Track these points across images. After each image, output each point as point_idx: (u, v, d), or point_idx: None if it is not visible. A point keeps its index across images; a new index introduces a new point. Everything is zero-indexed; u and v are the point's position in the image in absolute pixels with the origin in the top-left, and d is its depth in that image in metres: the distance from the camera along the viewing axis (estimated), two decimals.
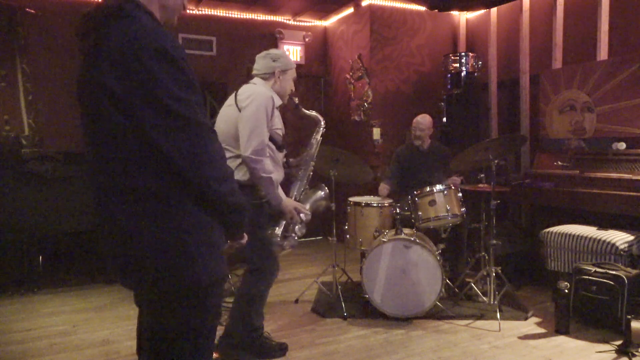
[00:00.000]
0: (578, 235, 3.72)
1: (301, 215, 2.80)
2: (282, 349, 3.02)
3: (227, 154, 2.67)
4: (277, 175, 2.79)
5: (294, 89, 2.97)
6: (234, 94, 2.82)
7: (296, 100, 3.00)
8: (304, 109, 3.03)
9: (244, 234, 1.59)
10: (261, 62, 2.86)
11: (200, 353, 1.46)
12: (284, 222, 2.79)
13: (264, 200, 2.74)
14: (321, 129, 3.08)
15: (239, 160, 2.69)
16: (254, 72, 2.89)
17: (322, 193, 3.04)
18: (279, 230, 2.77)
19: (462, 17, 5.93)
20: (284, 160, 2.96)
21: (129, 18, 1.33)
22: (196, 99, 1.35)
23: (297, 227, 2.82)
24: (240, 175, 2.68)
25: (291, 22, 6.25)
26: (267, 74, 2.84)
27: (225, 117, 2.78)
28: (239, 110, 2.69)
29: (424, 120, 4.27)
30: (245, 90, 2.78)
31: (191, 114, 1.31)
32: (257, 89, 2.75)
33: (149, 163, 1.32)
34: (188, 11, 1.49)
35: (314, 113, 3.09)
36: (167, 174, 1.33)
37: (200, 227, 1.38)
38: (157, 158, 1.31)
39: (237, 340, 2.89)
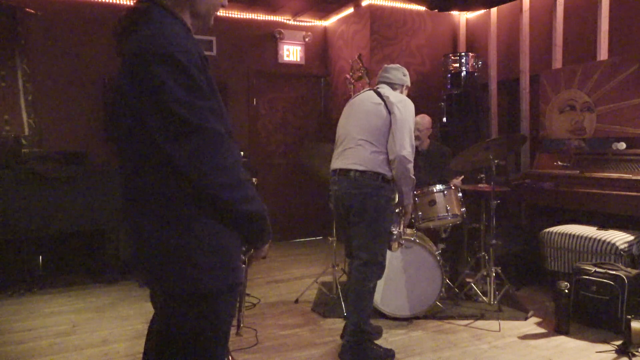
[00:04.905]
0: (578, 235, 3.72)
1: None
2: (389, 355, 2.93)
3: (371, 148, 2.85)
4: None
5: None
6: (372, 93, 2.98)
7: None
8: None
9: (265, 241, 1.51)
10: (394, 72, 3.07)
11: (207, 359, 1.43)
12: (403, 222, 3.05)
13: (392, 197, 2.94)
14: None
15: (383, 156, 2.85)
16: (384, 79, 3.07)
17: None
18: (398, 228, 3.02)
19: (462, 17, 5.93)
20: None
21: (153, 22, 1.35)
22: (208, 104, 1.32)
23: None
24: (387, 170, 2.85)
25: (291, 22, 6.25)
26: (398, 85, 3.06)
27: (374, 113, 2.90)
28: (389, 110, 2.85)
29: (422, 120, 4.26)
30: (390, 93, 2.94)
31: (198, 119, 1.28)
32: (402, 96, 2.98)
33: (158, 167, 1.33)
34: None
35: None
36: (176, 179, 1.32)
37: (208, 233, 1.35)
38: (165, 163, 1.31)
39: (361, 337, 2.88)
